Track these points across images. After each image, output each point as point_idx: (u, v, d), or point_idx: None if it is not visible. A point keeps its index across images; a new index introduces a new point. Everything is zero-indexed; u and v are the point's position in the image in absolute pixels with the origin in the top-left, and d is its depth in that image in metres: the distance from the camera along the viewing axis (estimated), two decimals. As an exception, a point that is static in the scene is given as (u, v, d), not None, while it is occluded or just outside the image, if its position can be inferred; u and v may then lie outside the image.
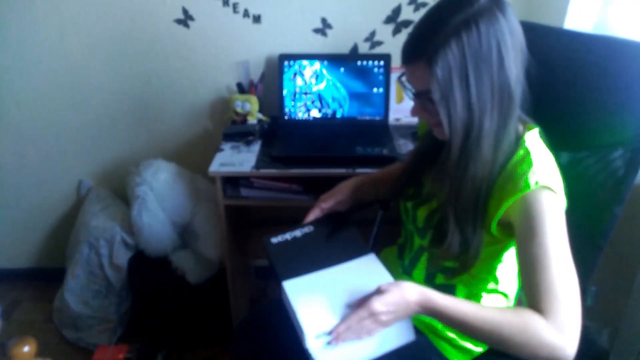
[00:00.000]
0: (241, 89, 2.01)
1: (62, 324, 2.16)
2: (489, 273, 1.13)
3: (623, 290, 1.64)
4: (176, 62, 2.04)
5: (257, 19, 1.97)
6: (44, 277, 2.47)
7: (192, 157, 2.19)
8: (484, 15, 0.88)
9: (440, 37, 0.89)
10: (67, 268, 2.12)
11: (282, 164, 1.70)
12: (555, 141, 1.14)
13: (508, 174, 0.97)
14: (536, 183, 0.91)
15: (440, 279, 1.15)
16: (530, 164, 0.95)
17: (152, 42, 2.01)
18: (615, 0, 1.58)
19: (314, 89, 1.96)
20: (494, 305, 1.14)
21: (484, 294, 1.15)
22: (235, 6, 1.95)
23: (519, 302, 1.25)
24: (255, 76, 2.04)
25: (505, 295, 1.16)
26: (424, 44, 0.91)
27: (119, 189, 2.18)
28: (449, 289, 1.14)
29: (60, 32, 1.98)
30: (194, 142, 2.19)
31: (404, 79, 1.02)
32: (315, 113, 1.99)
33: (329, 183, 1.36)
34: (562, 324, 0.83)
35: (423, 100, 0.98)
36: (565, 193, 0.96)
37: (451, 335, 1.16)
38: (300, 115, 1.99)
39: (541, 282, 0.86)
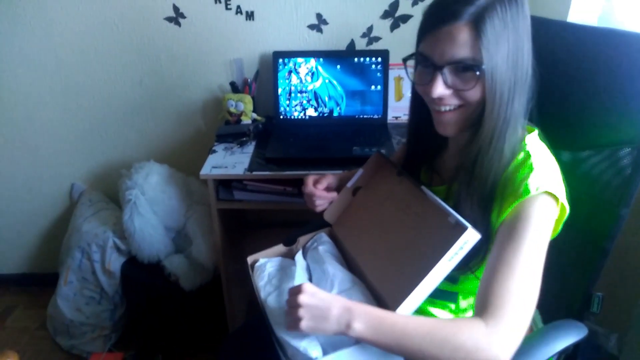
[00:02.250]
0: (235, 88, 1.96)
1: (56, 331, 2.12)
2: None
3: (631, 295, 1.60)
4: (168, 61, 1.99)
5: (250, 15, 1.91)
6: (39, 282, 2.43)
7: (185, 158, 2.14)
8: None
9: None
10: (60, 274, 2.07)
11: (276, 166, 1.65)
12: (557, 140, 1.09)
13: (508, 178, 0.92)
14: (537, 189, 0.87)
15: (442, 284, 1.10)
16: (530, 168, 0.90)
17: (143, 41, 1.96)
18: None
19: (310, 87, 1.90)
20: None
21: None
22: (227, 3, 1.89)
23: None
24: (249, 75, 1.99)
25: None
26: (467, 3, 0.83)
27: (112, 192, 2.13)
28: (451, 296, 1.10)
29: (48, 31, 1.93)
30: (187, 143, 2.15)
31: (409, 63, 0.96)
32: (311, 112, 1.93)
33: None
34: (503, 333, 0.79)
35: (453, 72, 0.89)
36: (568, 194, 0.92)
37: None
38: (296, 114, 1.94)
39: (498, 285, 0.82)
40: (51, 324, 2.15)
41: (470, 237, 0.87)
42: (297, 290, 0.87)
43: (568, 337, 1.06)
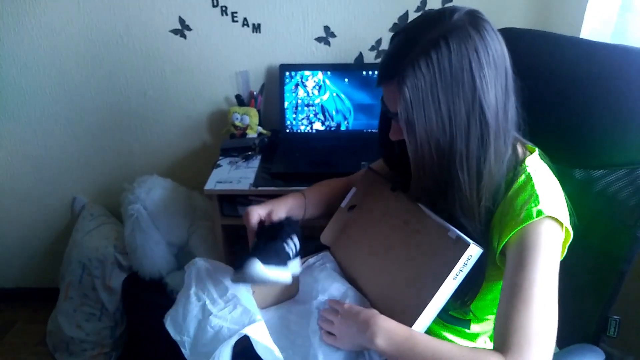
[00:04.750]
0: (240, 101, 1.93)
1: (55, 347, 2.08)
2: None
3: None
4: (173, 73, 1.97)
5: (256, 28, 1.89)
6: (39, 297, 2.38)
7: (188, 172, 2.11)
8: (455, 32, 0.81)
9: (410, 56, 0.82)
10: (60, 289, 2.03)
11: (282, 181, 1.62)
12: (571, 158, 1.07)
13: (508, 203, 0.89)
14: (538, 213, 0.84)
15: (455, 311, 1.06)
16: (531, 192, 0.87)
17: (148, 53, 1.94)
18: (634, 8, 1.49)
19: (317, 100, 1.87)
20: None
21: None
22: (233, 15, 1.87)
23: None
24: (255, 87, 1.96)
25: None
26: (396, 64, 0.84)
27: (114, 206, 2.09)
28: (464, 323, 1.06)
29: (53, 44, 1.91)
30: (191, 157, 2.11)
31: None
32: (318, 126, 1.90)
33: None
34: None
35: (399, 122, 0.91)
36: (582, 214, 0.90)
37: None
38: (303, 128, 1.91)
39: (517, 318, 0.79)
40: (51, 341, 2.11)
41: (474, 253, 0.86)
42: (334, 306, 0.98)
43: (584, 363, 1.03)
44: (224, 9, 1.86)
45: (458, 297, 0.93)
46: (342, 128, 1.89)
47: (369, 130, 1.88)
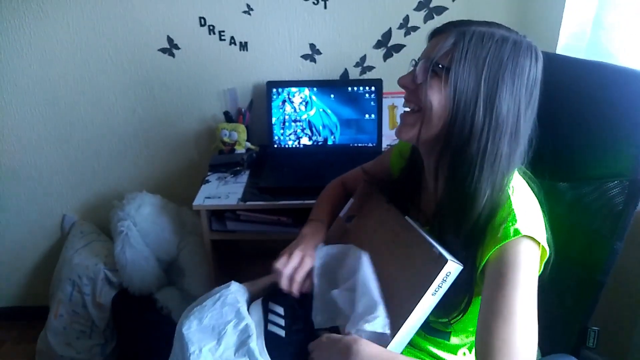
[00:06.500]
0: (228, 117, 1.95)
1: (45, 366, 2.07)
2: None
3: (628, 324, 1.58)
4: (161, 91, 1.99)
5: (243, 46, 1.92)
6: (28, 316, 2.37)
7: (177, 189, 2.12)
8: (515, 43, 0.88)
9: (474, 26, 0.89)
10: (50, 307, 2.02)
11: (270, 196, 1.64)
12: (552, 172, 1.09)
13: (486, 222, 0.91)
14: (515, 232, 0.86)
15: (436, 324, 1.08)
16: (509, 211, 0.89)
17: (137, 72, 1.96)
18: (606, 25, 1.54)
19: (304, 116, 1.90)
20: None
21: None
22: (221, 34, 1.90)
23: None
24: (243, 104, 1.99)
25: None
26: (462, 24, 0.90)
27: (104, 224, 2.10)
28: (444, 335, 1.07)
29: (42, 63, 1.93)
30: (180, 173, 2.13)
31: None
32: (305, 141, 1.93)
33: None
34: None
35: (423, 69, 0.92)
36: (562, 227, 0.92)
37: None
38: (290, 143, 1.93)
39: (499, 334, 0.81)
40: (40, 359, 2.09)
41: (452, 269, 0.87)
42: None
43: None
44: (211, 28, 1.89)
45: (444, 314, 0.95)
46: (329, 143, 1.93)
47: (355, 145, 1.91)
